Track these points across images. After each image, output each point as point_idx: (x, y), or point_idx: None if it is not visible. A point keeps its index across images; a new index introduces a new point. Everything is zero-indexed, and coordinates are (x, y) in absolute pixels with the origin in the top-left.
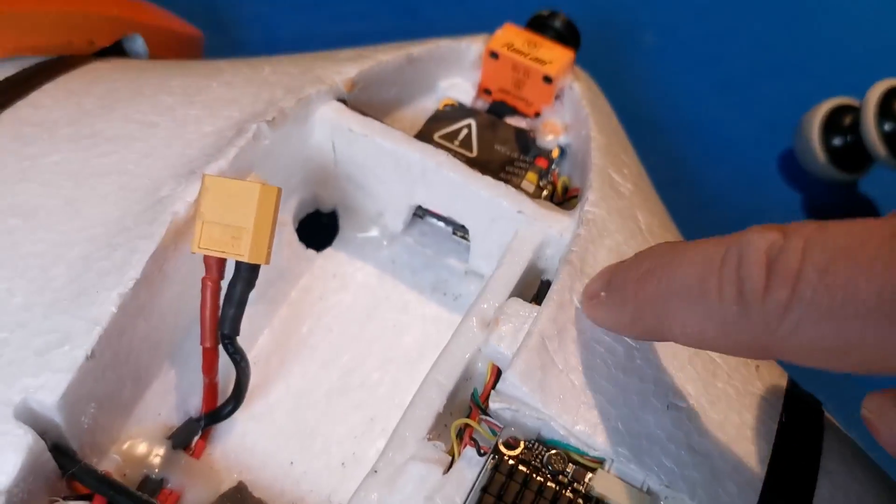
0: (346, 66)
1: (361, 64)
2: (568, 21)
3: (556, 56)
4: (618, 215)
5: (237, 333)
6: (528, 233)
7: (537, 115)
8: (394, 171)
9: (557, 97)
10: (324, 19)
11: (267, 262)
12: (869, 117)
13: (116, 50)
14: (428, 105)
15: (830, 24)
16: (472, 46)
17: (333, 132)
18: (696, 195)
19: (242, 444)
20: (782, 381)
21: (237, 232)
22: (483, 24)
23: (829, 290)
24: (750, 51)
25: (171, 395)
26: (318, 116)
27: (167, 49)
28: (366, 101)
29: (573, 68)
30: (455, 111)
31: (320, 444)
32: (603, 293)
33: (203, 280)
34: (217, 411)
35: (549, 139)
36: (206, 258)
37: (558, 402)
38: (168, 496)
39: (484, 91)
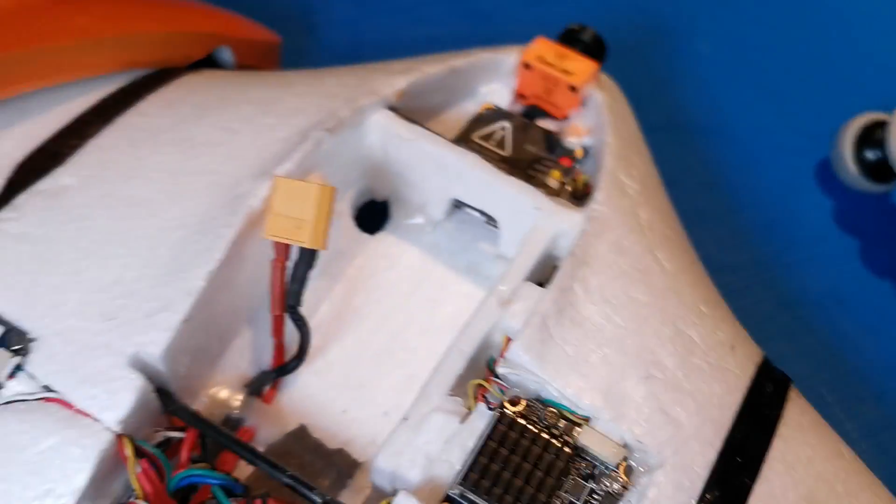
0: (397, 78)
1: (410, 76)
2: (596, 35)
3: (581, 68)
4: (620, 213)
5: (300, 304)
6: (543, 226)
7: (566, 118)
8: (435, 170)
9: (584, 103)
10: (404, 23)
11: (324, 248)
12: (893, 133)
13: (207, 59)
14: (470, 108)
15: (879, 39)
16: (508, 58)
17: (384, 137)
18: (730, 199)
19: (304, 393)
20: (757, 360)
21: (300, 223)
22: (548, 29)
23: None
24: (798, 61)
25: (248, 352)
26: (371, 123)
27: (251, 57)
28: (414, 107)
29: (598, 78)
30: (493, 114)
31: (368, 396)
32: None
33: (273, 261)
34: (284, 366)
35: (573, 140)
36: (275, 243)
37: (553, 369)
38: (245, 433)
39: (520, 96)
